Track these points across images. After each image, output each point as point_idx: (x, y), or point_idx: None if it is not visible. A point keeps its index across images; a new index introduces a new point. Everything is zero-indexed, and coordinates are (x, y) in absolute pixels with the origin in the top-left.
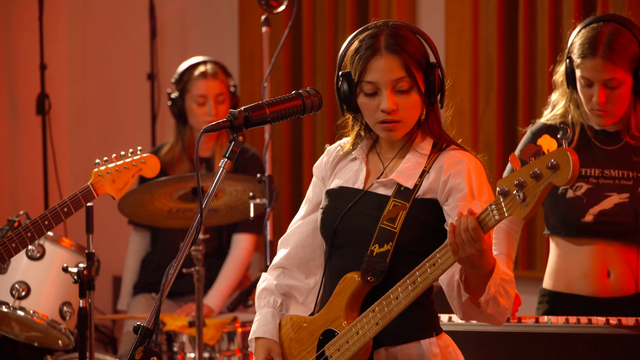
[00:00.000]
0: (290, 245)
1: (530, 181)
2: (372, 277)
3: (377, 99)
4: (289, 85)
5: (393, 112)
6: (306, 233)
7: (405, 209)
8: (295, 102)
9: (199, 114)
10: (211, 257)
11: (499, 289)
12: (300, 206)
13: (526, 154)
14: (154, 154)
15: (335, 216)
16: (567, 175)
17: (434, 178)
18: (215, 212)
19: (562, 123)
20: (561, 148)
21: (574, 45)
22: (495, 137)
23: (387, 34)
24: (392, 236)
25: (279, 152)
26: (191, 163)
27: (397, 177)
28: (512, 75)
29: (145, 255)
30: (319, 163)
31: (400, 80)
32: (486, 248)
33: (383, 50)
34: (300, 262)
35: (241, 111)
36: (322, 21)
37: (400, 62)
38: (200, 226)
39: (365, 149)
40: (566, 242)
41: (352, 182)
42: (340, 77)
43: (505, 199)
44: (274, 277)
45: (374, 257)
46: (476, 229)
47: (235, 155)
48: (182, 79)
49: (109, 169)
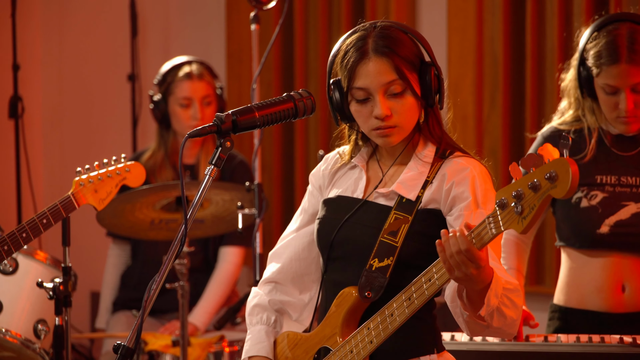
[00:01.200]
0: (284, 259)
1: (529, 192)
2: (371, 292)
3: (369, 105)
4: (279, 87)
5: (387, 118)
6: (301, 246)
7: (407, 223)
8: (287, 105)
9: (183, 118)
10: (196, 272)
11: (503, 300)
12: (294, 217)
13: (527, 164)
14: (138, 162)
15: (333, 227)
16: (566, 186)
17: (436, 187)
18: (201, 223)
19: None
20: (560, 158)
21: (589, 53)
22: (501, 143)
23: (375, 35)
24: (393, 250)
25: (269, 159)
26: (174, 171)
27: (398, 189)
28: (519, 76)
29: (126, 269)
30: (315, 171)
31: (392, 83)
32: (483, 265)
33: (371, 53)
34: (294, 276)
35: (229, 115)
36: (315, 18)
37: (390, 65)
38: (184, 238)
39: (365, 156)
40: (579, 254)
41: (351, 191)
42: (331, 86)
43: (503, 212)
44: (265, 293)
45: (373, 272)
46: (469, 251)
47: (222, 162)
48: (165, 80)
49: (91, 177)
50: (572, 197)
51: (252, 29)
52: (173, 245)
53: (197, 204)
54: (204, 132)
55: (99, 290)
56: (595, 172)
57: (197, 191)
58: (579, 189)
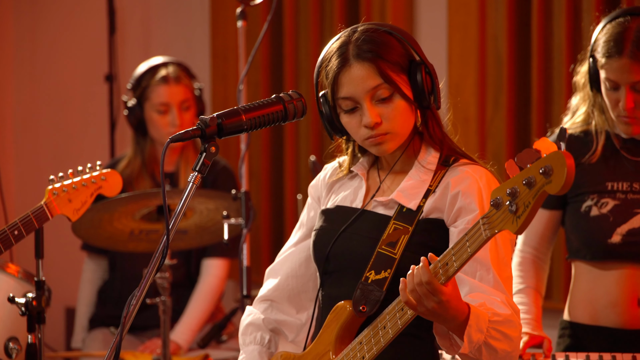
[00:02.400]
0: (280, 275)
1: (523, 189)
2: (366, 306)
3: (358, 114)
4: (268, 88)
5: (377, 125)
6: (298, 261)
7: (407, 233)
8: (276, 108)
9: (161, 125)
10: (179, 286)
11: (491, 333)
12: (293, 231)
13: (523, 160)
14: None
15: (329, 238)
16: (561, 181)
17: (439, 196)
18: (184, 233)
19: (584, 132)
20: (555, 151)
21: (598, 43)
22: (505, 148)
23: (355, 40)
24: (391, 262)
25: (257, 165)
26: (153, 180)
27: (398, 197)
28: (524, 75)
29: (103, 284)
30: (315, 182)
31: (378, 88)
32: (448, 299)
33: (352, 59)
34: (291, 294)
35: (214, 118)
36: (306, 14)
37: (373, 69)
38: (166, 250)
39: (366, 165)
40: (591, 267)
41: (350, 200)
42: (320, 99)
43: (497, 211)
44: (260, 311)
45: (369, 285)
46: (430, 283)
47: (207, 169)
48: (140, 85)
49: (64, 186)
50: (582, 205)
51: (238, 25)
52: (154, 258)
53: (180, 214)
54: (187, 136)
55: (74, 306)
56: (606, 179)
57: (179, 200)
58: (588, 197)
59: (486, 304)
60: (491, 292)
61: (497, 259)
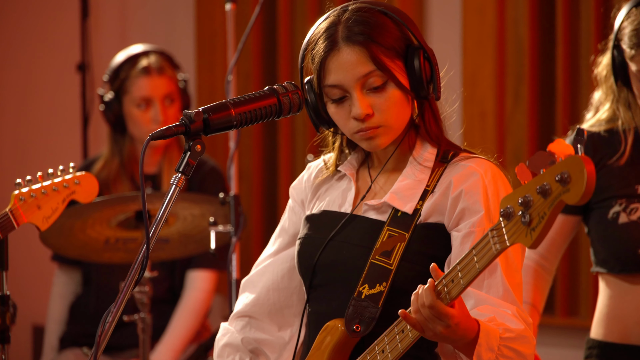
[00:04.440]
0: (259, 288)
1: (538, 199)
2: (360, 325)
3: (347, 104)
4: (260, 79)
5: (368, 117)
6: (280, 273)
7: (403, 241)
8: (269, 101)
9: (142, 121)
10: (160, 301)
11: (502, 351)
12: (271, 238)
13: (536, 164)
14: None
15: (316, 248)
16: (580, 190)
17: (439, 196)
18: (166, 242)
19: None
20: (573, 156)
21: (624, 32)
22: (526, 146)
23: (345, 20)
24: (387, 274)
25: (248, 166)
26: (133, 182)
27: (391, 200)
28: (548, 64)
29: (75, 299)
30: (297, 183)
31: (370, 75)
32: (457, 322)
33: (341, 42)
34: (272, 309)
35: (199, 112)
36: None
37: (364, 53)
38: (146, 261)
39: (355, 163)
40: (620, 281)
41: (338, 204)
42: (305, 86)
43: (508, 223)
44: (237, 330)
45: (362, 301)
46: (432, 307)
47: (191, 170)
48: (118, 76)
49: (33, 191)
50: (609, 211)
51: (226, 9)
52: (132, 270)
53: (162, 220)
54: (170, 133)
55: (43, 324)
56: (635, 182)
57: (160, 204)
58: (616, 202)
59: (496, 318)
60: (500, 304)
61: (506, 265)
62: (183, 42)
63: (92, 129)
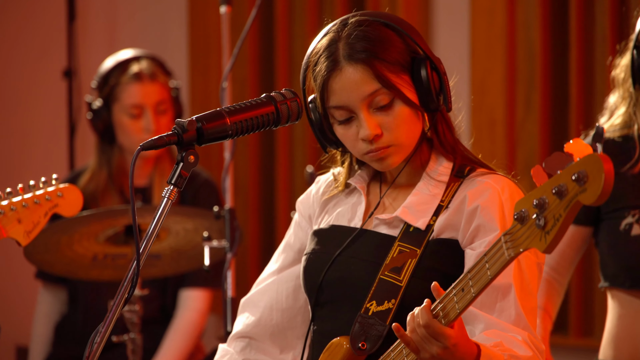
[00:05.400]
0: (261, 308)
1: (553, 200)
2: (366, 343)
3: (354, 125)
4: (257, 85)
5: (377, 138)
6: (284, 292)
7: (415, 257)
8: (267, 109)
9: (132, 130)
10: (151, 321)
11: None
12: (274, 255)
13: (552, 165)
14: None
15: (323, 263)
16: (598, 189)
17: (453, 211)
18: (157, 258)
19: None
20: (591, 154)
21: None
22: (537, 156)
23: (346, 37)
24: (396, 291)
25: (244, 178)
26: (122, 196)
27: (403, 214)
28: (561, 70)
29: (61, 319)
30: (304, 197)
31: (375, 94)
32: (454, 343)
33: (343, 61)
34: (274, 330)
35: (192, 121)
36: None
37: (368, 72)
38: (136, 278)
39: (366, 176)
40: (631, 298)
41: (347, 219)
42: (309, 105)
43: (522, 226)
44: (237, 351)
45: (369, 318)
46: (428, 326)
47: (184, 182)
48: (107, 83)
49: (13, 204)
50: (620, 222)
51: (221, 11)
52: (121, 288)
53: (153, 235)
54: (161, 143)
55: (27, 344)
56: None
57: (152, 218)
58: (628, 213)
59: (503, 343)
60: (510, 330)
61: (521, 286)
62: (175, 47)
63: (78, 138)
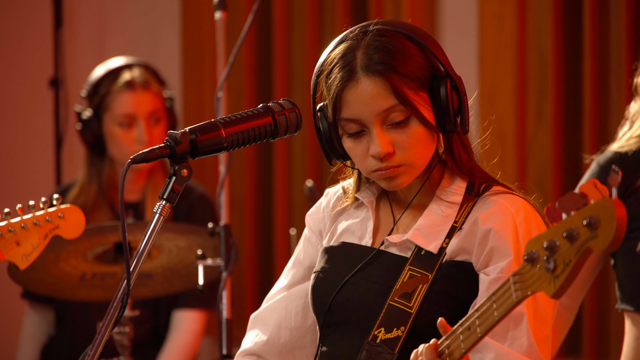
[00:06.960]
0: (270, 326)
1: (564, 243)
2: None
3: (364, 140)
4: (253, 95)
5: (388, 156)
6: (294, 310)
7: (426, 282)
8: (264, 120)
9: (124, 142)
10: (143, 344)
11: None
12: (284, 270)
13: (566, 206)
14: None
15: (332, 283)
16: (609, 236)
17: (466, 232)
18: (149, 278)
19: None
20: (603, 199)
21: None
22: (550, 171)
23: (365, 47)
24: (407, 318)
25: (240, 192)
26: (112, 211)
27: (414, 237)
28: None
29: (48, 340)
30: (314, 211)
31: (391, 110)
32: None
33: (360, 72)
34: (283, 350)
35: (185, 133)
36: (301, 3)
37: (385, 86)
38: (126, 298)
39: (375, 190)
40: None
41: (358, 236)
42: (317, 113)
43: (532, 268)
44: None
45: (377, 346)
46: None
47: (177, 197)
48: (98, 92)
49: (11, 225)
50: (638, 244)
51: (216, 17)
52: (111, 308)
53: (144, 253)
54: (153, 155)
55: None
56: None
57: (143, 235)
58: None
59: None
60: None
61: (535, 314)
62: (167, 55)
63: (66, 150)
